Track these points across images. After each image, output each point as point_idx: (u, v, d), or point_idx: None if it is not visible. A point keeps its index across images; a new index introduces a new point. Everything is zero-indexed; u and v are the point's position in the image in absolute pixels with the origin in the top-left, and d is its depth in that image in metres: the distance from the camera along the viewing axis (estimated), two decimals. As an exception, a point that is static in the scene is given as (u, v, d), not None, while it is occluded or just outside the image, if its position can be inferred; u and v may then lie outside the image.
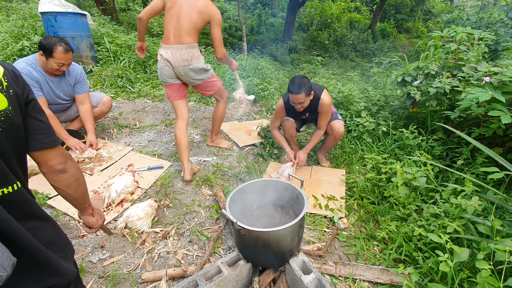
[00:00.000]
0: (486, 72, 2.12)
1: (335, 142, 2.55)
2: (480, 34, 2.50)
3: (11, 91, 0.65)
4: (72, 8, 4.11)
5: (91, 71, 4.13)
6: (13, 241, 0.64)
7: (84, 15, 4.23)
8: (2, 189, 0.65)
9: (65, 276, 0.80)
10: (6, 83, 0.64)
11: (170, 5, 2.12)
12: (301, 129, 2.90)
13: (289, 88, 2.10)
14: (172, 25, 2.12)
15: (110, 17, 6.82)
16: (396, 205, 1.97)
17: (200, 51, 2.24)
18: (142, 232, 1.79)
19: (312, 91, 2.17)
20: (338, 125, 2.44)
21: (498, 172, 1.46)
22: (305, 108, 2.28)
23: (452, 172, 2.08)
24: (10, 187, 0.66)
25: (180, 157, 2.29)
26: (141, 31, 2.32)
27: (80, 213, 1.02)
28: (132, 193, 2.09)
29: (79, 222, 1.83)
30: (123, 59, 4.61)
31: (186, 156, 2.27)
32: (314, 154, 2.80)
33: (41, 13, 3.93)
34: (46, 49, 2.07)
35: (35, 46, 4.09)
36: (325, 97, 2.25)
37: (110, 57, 4.59)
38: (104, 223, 1.76)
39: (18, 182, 0.69)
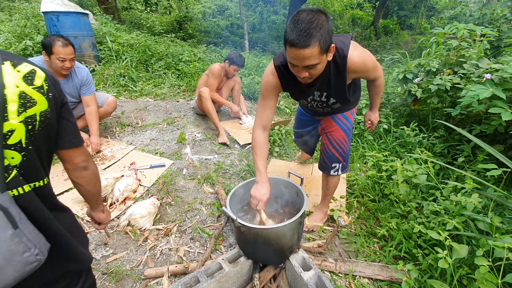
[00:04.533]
0: (487, 69, 2.12)
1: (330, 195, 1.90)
2: (482, 31, 2.49)
3: (50, 94, 0.73)
4: (74, 7, 4.13)
5: (93, 70, 4.16)
6: (44, 228, 0.70)
7: (86, 14, 4.25)
8: (35, 183, 0.72)
9: (83, 262, 0.86)
10: (47, 87, 0.72)
11: None
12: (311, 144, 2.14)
13: (287, 36, 1.07)
14: None
15: (112, 16, 6.84)
16: (397, 202, 1.98)
17: None
18: (144, 230, 1.82)
19: (332, 44, 1.15)
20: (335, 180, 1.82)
21: (496, 169, 1.46)
22: (317, 79, 1.32)
23: (453, 169, 2.08)
24: (41, 181, 0.74)
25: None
26: None
27: (91, 210, 1.07)
28: (134, 191, 2.12)
29: (83, 219, 1.86)
30: (125, 58, 4.63)
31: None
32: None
33: (43, 12, 3.95)
34: (46, 47, 2.11)
35: (38, 45, 4.12)
36: (356, 54, 1.26)
37: (112, 56, 4.61)
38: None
39: (46, 177, 0.77)
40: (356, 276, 1.56)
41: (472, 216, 1.49)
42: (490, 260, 1.18)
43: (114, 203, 1.99)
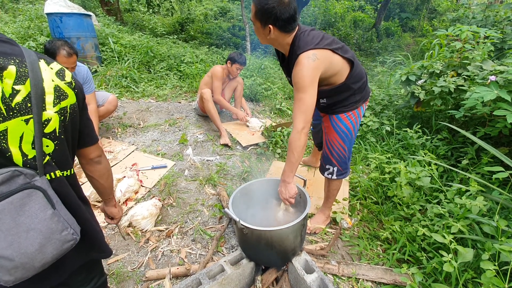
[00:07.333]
0: (491, 71, 2.10)
1: (332, 197, 1.88)
2: (485, 33, 2.48)
3: (76, 90, 0.80)
4: (77, 9, 4.16)
5: (96, 71, 4.17)
6: (74, 213, 0.75)
7: (89, 15, 4.26)
8: (64, 171, 0.77)
9: (105, 253, 0.92)
10: (74, 84, 0.79)
11: None
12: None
13: None
14: None
15: (114, 17, 6.87)
16: (400, 205, 1.96)
17: None
18: (146, 231, 1.81)
19: (269, 25, 1.33)
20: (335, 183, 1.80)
21: (503, 171, 1.44)
22: (286, 58, 1.47)
23: (457, 172, 2.06)
24: (69, 171, 0.79)
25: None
26: None
27: (104, 204, 1.11)
28: (136, 192, 2.11)
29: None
30: (127, 59, 4.64)
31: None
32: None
33: (47, 14, 3.97)
34: (49, 53, 2.07)
35: (41, 46, 4.13)
36: (303, 62, 1.29)
37: (115, 57, 4.63)
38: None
39: (72, 168, 0.81)
40: (359, 279, 1.54)
41: (477, 219, 1.48)
42: (496, 264, 1.16)
43: (116, 204, 1.98)
